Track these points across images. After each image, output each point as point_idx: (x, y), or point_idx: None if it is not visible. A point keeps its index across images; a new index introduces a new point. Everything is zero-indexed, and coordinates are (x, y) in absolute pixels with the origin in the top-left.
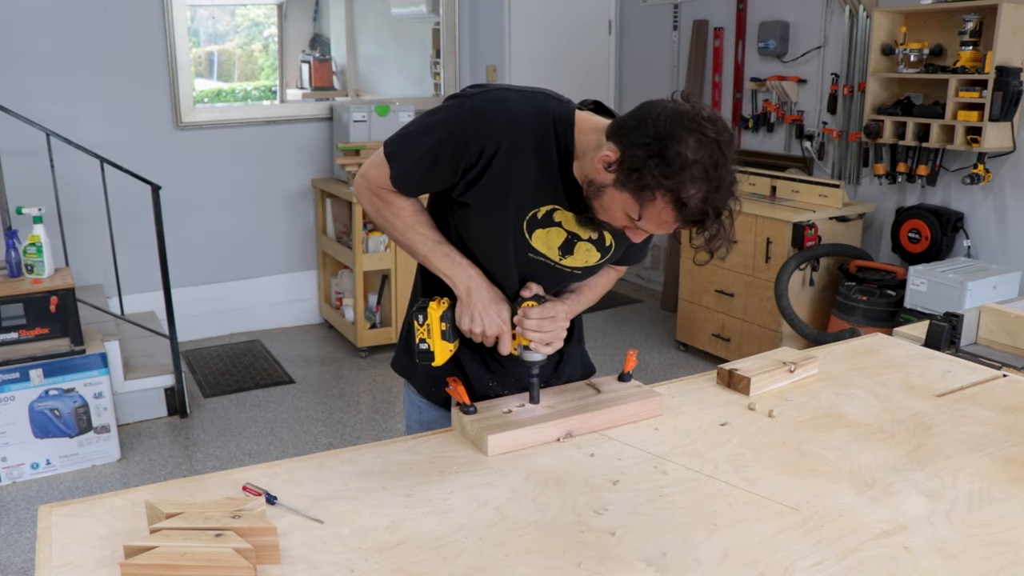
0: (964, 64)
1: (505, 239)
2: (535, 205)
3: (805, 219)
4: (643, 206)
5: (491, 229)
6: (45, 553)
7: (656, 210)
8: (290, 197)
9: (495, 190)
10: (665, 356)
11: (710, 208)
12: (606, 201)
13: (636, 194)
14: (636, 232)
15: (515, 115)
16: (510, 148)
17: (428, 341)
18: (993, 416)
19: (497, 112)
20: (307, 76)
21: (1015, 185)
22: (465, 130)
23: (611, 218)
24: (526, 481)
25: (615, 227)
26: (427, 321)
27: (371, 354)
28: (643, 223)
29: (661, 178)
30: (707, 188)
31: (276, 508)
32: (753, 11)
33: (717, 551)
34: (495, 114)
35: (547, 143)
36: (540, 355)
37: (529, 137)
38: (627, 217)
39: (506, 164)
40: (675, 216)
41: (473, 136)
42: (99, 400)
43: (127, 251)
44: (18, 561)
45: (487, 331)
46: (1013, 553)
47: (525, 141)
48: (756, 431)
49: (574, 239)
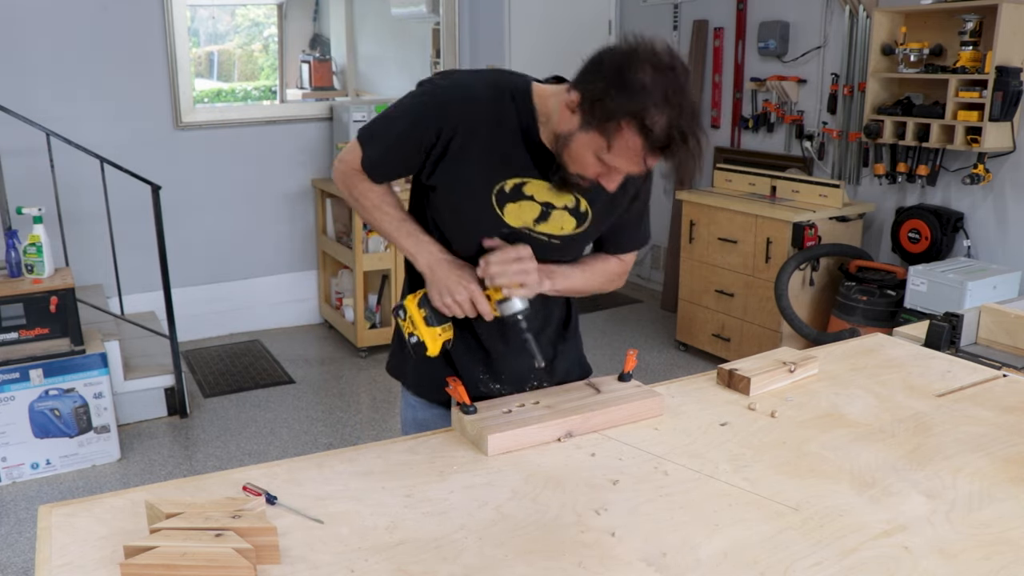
0: (964, 64)
1: (477, 216)
2: (501, 178)
3: (805, 219)
4: (610, 139)
5: (461, 208)
6: (45, 553)
7: (623, 141)
8: (290, 197)
9: (459, 168)
10: (665, 356)
11: (675, 132)
12: (575, 149)
13: (602, 127)
14: (610, 177)
15: (470, 94)
16: (468, 126)
17: (416, 333)
18: (993, 416)
19: (453, 93)
20: (307, 76)
21: (1015, 185)
22: (425, 113)
23: (583, 166)
24: (526, 481)
25: (589, 177)
26: (408, 315)
27: (371, 354)
28: (613, 158)
29: (624, 102)
30: (670, 112)
31: (276, 508)
32: (753, 11)
33: (717, 551)
34: (451, 95)
35: (506, 116)
36: (519, 302)
37: (486, 113)
38: (597, 160)
39: (465, 142)
40: (642, 143)
41: (432, 118)
42: (99, 400)
43: (127, 251)
44: (18, 561)
45: (457, 298)
46: (1013, 553)
47: (482, 117)
48: (756, 431)
49: (548, 209)
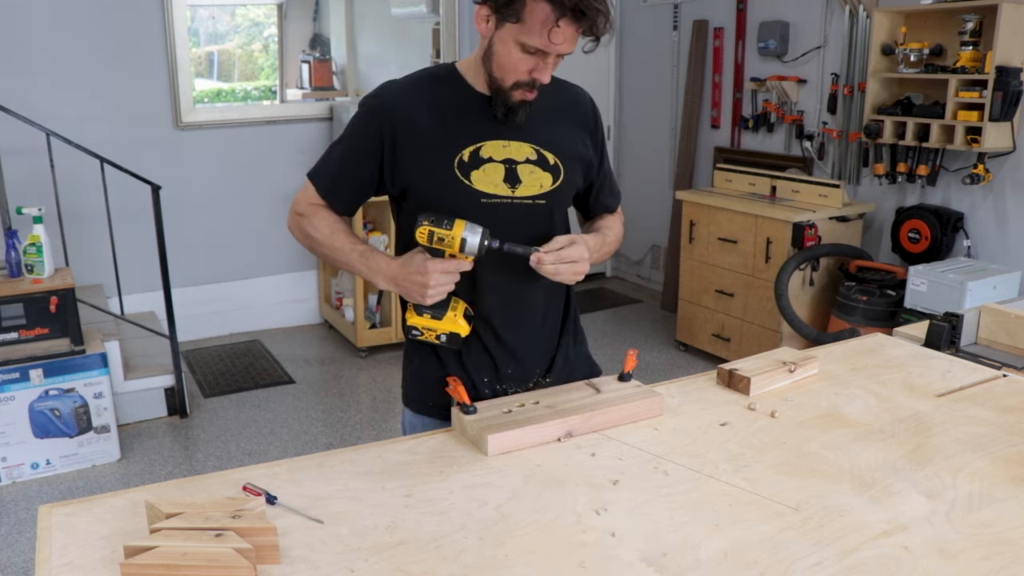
0: (964, 64)
1: (450, 196)
2: (456, 150)
3: (805, 219)
4: (523, 20)
5: (433, 194)
6: (45, 553)
7: (533, 14)
8: (290, 197)
9: (414, 159)
10: (665, 356)
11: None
12: (499, 53)
13: (510, 10)
14: (540, 67)
15: (396, 89)
16: (405, 117)
17: (438, 331)
18: (993, 416)
19: (381, 97)
20: (307, 76)
21: (1015, 185)
22: (362, 123)
23: (513, 68)
24: (526, 481)
25: (523, 79)
26: (420, 326)
27: (371, 354)
28: (531, 37)
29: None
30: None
31: (276, 508)
32: (753, 11)
33: (717, 551)
34: (380, 99)
35: (437, 95)
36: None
37: (418, 99)
38: (521, 50)
39: (409, 132)
40: (551, 9)
41: (370, 124)
42: (99, 400)
43: (127, 251)
44: (18, 561)
45: (430, 284)
46: (1013, 553)
47: (416, 104)
48: (756, 431)
49: (512, 165)
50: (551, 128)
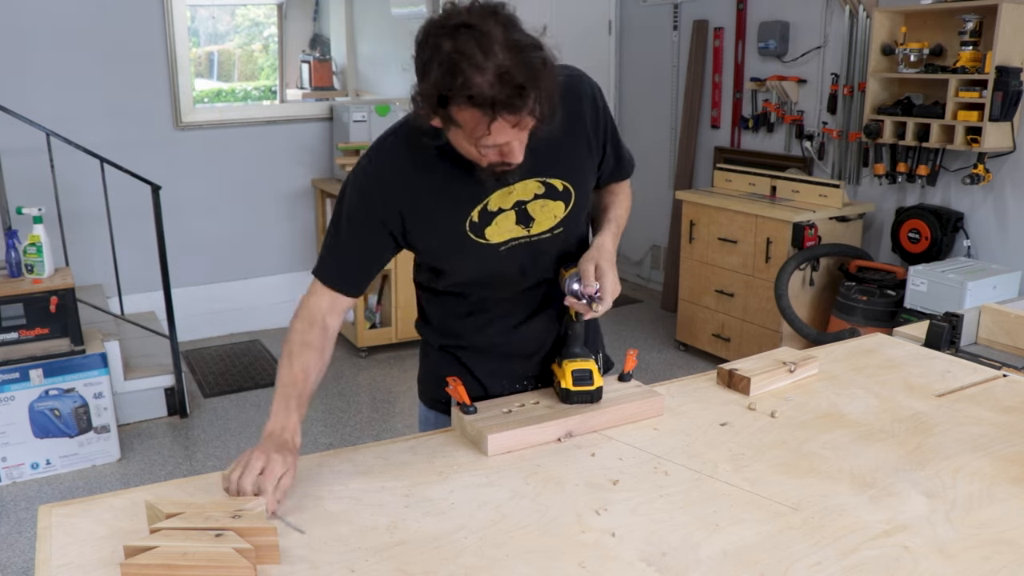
0: (964, 64)
1: (470, 257)
2: (465, 214)
3: (805, 219)
4: (463, 127)
5: (451, 259)
6: (45, 553)
7: (467, 121)
8: (290, 197)
9: (424, 232)
10: (665, 356)
11: (504, 81)
12: (461, 149)
13: (445, 121)
14: (508, 152)
15: (386, 162)
16: (406, 192)
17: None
18: (993, 416)
19: (375, 173)
20: (307, 76)
21: (1015, 185)
22: (366, 209)
23: (477, 158)
24: (526, 481)
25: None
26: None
27: (371, 354)
28: (477, 139)
29: (430, 92)
30: (480, 71)
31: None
32: (753, 11)
33: (717, 551)
34: (374, 176)
35: (427, 160)
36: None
37: (412, 168)
38: (475, 144)
39: (413, 206)
40: (479, 113)
41: (373, 211)
42: (99, 400)
43: (127, 251)
44: (18, 561)
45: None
46: (1013, 553)
47: (410, 177)
48: (756, 431)
49: (521, 206)
50: (552, 149)
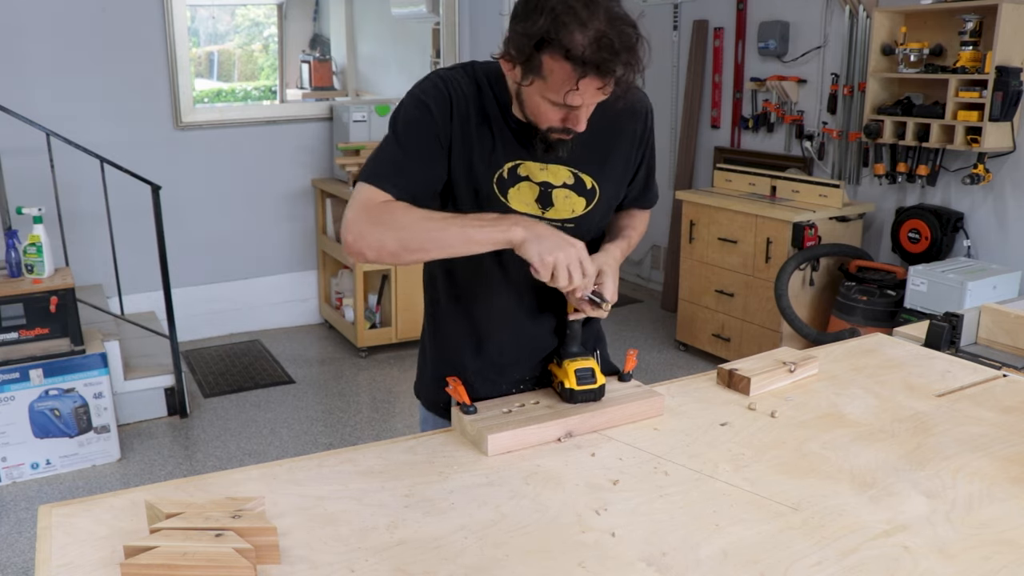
0: (964, 64)
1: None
2: (498, 165)
3: (805, 219)
4: (542, 76)
5: (471, 202)
6: (45, 553)
7: (552, 72)
8: (290, 197)
9: (463, 164)
10: (665, 356)
11: (599, 43)
12: (529, 104)
13: (530, 68)
14: (571, 117)
15: (453, 84)
16: (460, 118)
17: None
18: (993, 416)
19: (440, 87)
20: (307, 76)
21: (1015, 185)
22: (428, 114)
23: (545, 117)
24: (526, 481)
25: (558, 126)
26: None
27: (371, 354)
28: (555, 94)
29: (532, 32)
30: (584, 28)
31: (276, 508)
32: (753, 11)
33: (717, 551)
34: (439, 89)
35: (487, 102)
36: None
37: (469, 99)
38: (549, 104)
39: (461, 134)
40: (570, 68)
41: (438, 116)
42: (99, 400)
43: (127, 251)
44: (18, 561)
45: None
46: (1013, 553)
47: (469, 104)
48: (756, 431)
49: (547, 189)
50: (595, 147)
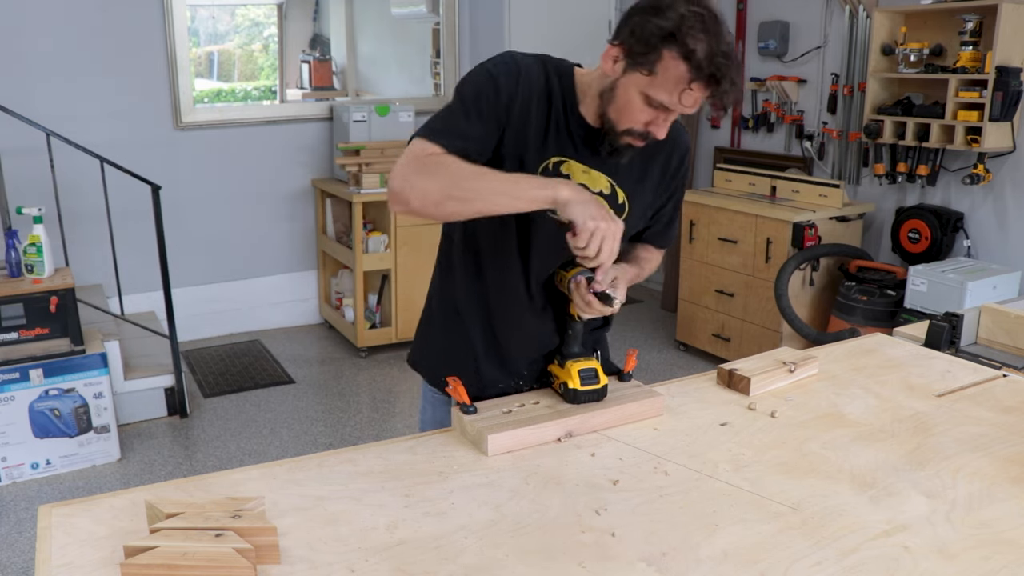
0: (964, 64)
1: None
2: (545, 156)
3: (805, 219)
4: (655, 71)
5: None
6: (45, 553)
7: (667, 69)
8: (290, 197)
9: (514, 144)
10: (665, 356)
11: (717, 58)
12: (620, 96)
13: (644, 59)
14: (658, 122)
15: (525, 67)
16: (524, 98)
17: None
18: (993, 416)
19: (512, 66)
20: (307, 76)
21: (1015, 185)
22: (495, 87)
23: (631, 115)
24: (526, 481)
25: (638, 128)
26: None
27: (371, 354)
28: (658, 91)
29: (663, 24)
30: (709, 39)
31: (276, 508)
32: (753, 11)
33: (717, 551)
34: (510, 67)
35: (553, 92)
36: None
37: (537, 87)
38: (644, 101)
39: (521, 114)
40: (686, 69)
41: (502, 91)
42: (99, 400)
43: (127, 251)
44: (18, 561)
45: (601, 225)
46: (1013, 553)
47: (534, 91)
48: (756, 431)
49: None
50: (636, 167)
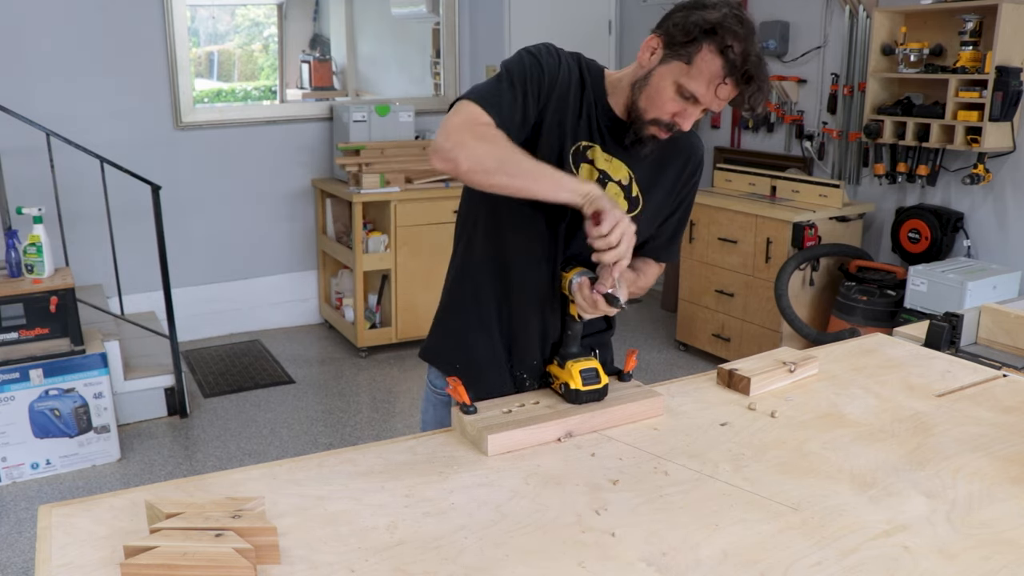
0: (964, 64)
1: None
2: (578, 139)
3: (805, 219)
4: (691, 62)
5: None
6: (45, 553)
7: (704, 62)
8: (290, 197)
9: (551, 123)
10: (665, 356)
11: (752, 58)
12: (654, 85)
13: (683, 49)
14: (686, 114)
15: (564, 56)
16: (563, 81)
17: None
18: (993, 416)
19: (553, 52)
20: (307, 76)
21: (1015, 185)
22: (539, 68)
23: (661, 104)
24: (526, 481)
25: (665, 119)
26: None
27: (371, 354)
28: (692, 82)
29: (705, 18)
30: (746, 40)
31: (276, 508)
32: (753, 11)
33: (717, 551)
34: (553, 53)
35: (585, 84)
36: None
37: (574, 75)
38: (677, 92)
39: (561, 96)
40: (721, 65)
41: (547, 72)
42: (99, 400)
43: (127, 251)
44: (18, 561)
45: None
46: (1013, 553)
47: (572, 78)
48: (756, 431)
49: (604, 179)
50: (653, 165)
